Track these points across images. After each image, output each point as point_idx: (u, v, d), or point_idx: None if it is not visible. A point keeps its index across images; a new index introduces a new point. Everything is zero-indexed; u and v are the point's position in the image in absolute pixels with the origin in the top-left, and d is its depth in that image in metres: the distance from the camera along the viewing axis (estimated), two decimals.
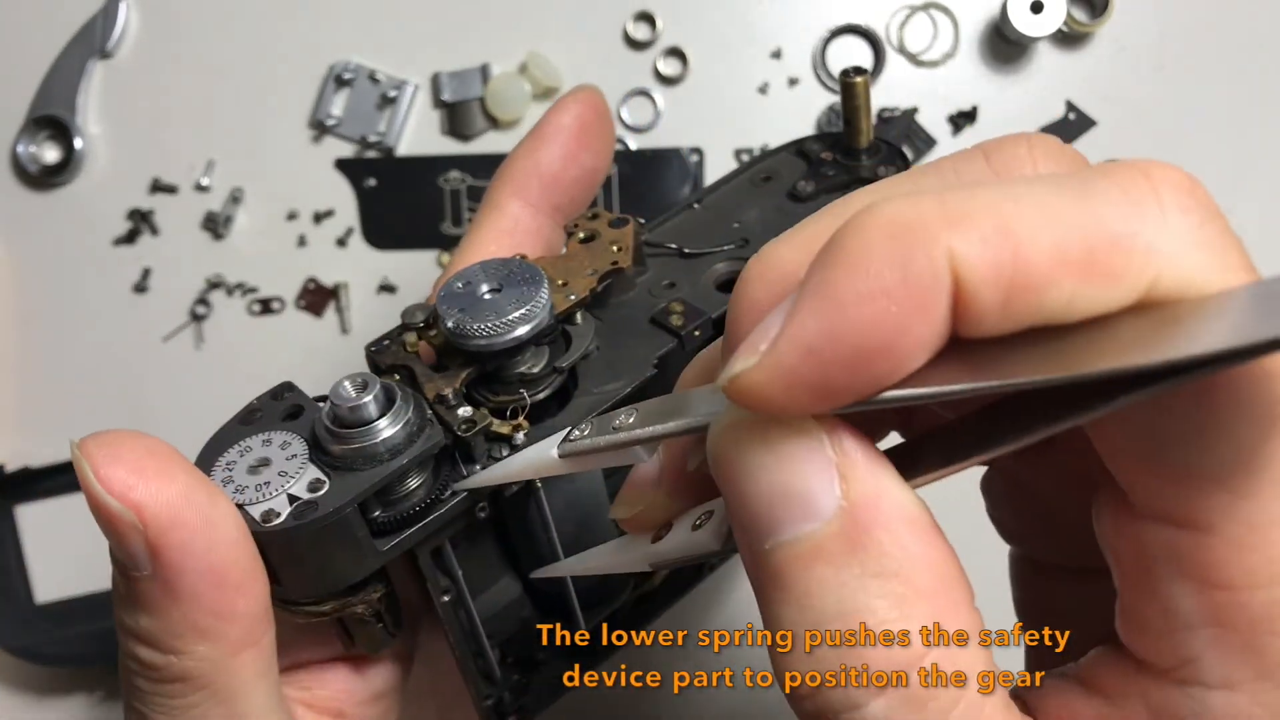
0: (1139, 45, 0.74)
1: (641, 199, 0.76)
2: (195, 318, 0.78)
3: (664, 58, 0.76)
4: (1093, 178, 0.24)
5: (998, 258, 0.23)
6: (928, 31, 0.75)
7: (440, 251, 0.77)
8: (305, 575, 0.36)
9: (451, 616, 0.41)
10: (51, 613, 0.76)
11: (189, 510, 0.32)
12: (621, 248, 0.43)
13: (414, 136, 0.77)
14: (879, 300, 0.23)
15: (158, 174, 0.77)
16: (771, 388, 0.24)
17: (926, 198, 0.24)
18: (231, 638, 0.34)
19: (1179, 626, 0.25)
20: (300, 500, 0.35)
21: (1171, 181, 0.24)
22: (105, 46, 0.76)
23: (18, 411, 0.78)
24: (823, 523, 0.25)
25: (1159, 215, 0.23)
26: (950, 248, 0.23)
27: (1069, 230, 0.23)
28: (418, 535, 0.37)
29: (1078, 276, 0.23)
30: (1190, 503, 0.25)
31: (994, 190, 0.24)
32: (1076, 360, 0.22)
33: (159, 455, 0.33)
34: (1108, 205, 0.23)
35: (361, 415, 0.36)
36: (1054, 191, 0.23)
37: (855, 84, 0.46)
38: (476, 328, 0.37)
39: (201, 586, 0.33)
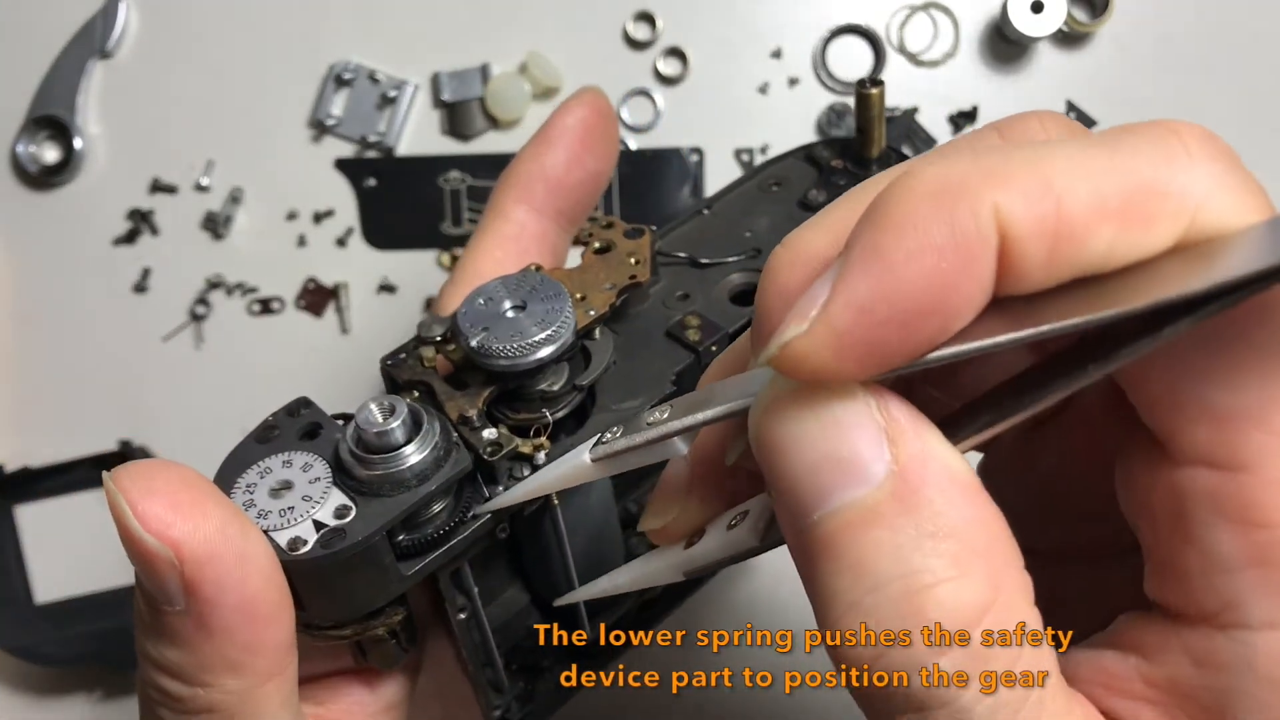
0: (1139, 45, 0.74)
1: (641, 199, 0.76)
2: (195, 318, 0.78)
3: (664, 58, 0.76)
4: (1120, 134, 0.25)
5: (1041, 210, 0.23)
6: (928, 31, 0.75)
7: (440, 251, 0.77)
8: (330, 601, 0.36)
9: (466, 633, 0.41)
10: (51, 613, 0.76)
11: (224, 546, 0.31)
12: (639, 260, 0.42)
13: (414, 136, 0.77)
14: (929, 257, 0.23)
15: (157, 174, 0.77)
16: (824, 353, 0.24)
17: (963, 161, 0.24)
18: (259, 669, 0.33)
19: (1220, 570, 0.25)
20: (327, 527, 0.34)
21: (1195, 134, 0.25)
22: (105, 46, 0.76)
23: (18, 411, 0.78)
24: (874, 487, 0.25)
25: (1188, 163, 0.24)
26: (995, 203, 0.23)
27: (1106, 181, 0.24)
28: (442, 559, 0.37)
29: (1117, 224, 0.23)
30: (1228, 443, 0.25)
31: (1029, 150, 0.24)
32: (1120, 299, 0.23)
33: (193, 488, 0.32)
34: (1139, 156, 0.24)
35: (389, 441, 0.35)
36: (1086, 148, 0.24)
37: (871, 95, 0.46)
38: (501, 348, 0.37)
39: (235, 621, 0.32)
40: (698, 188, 0.76)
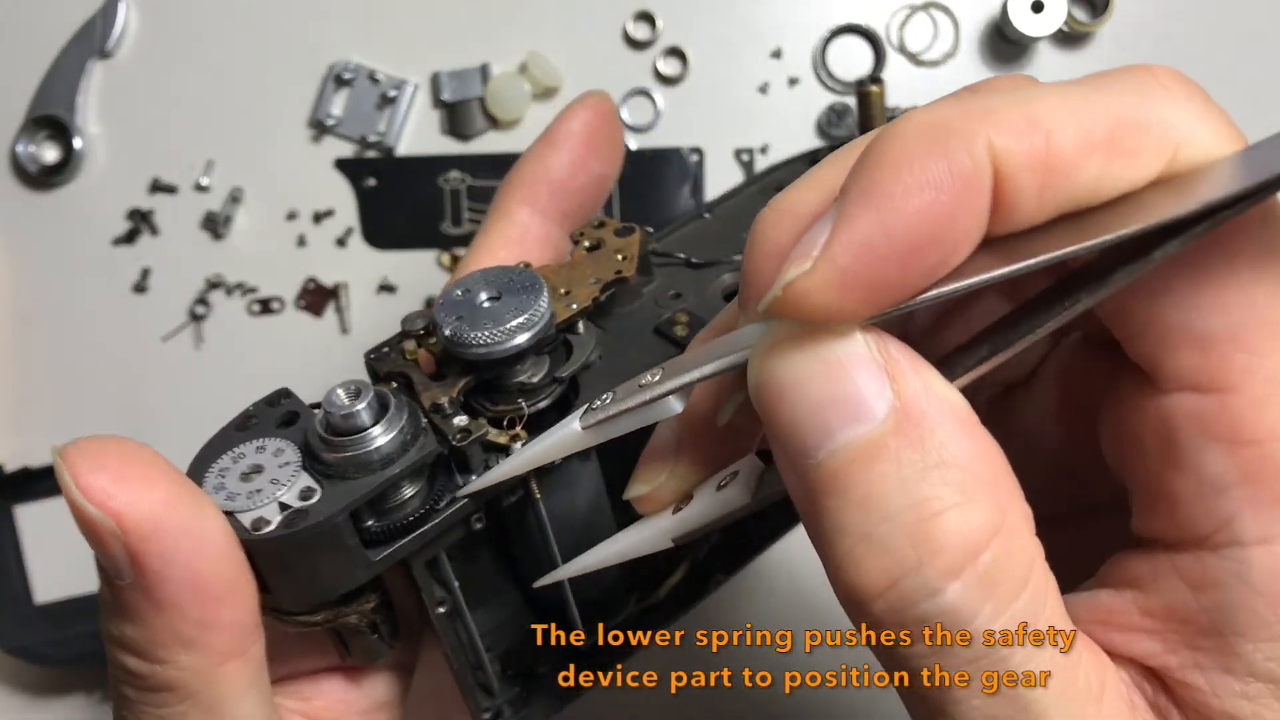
0: (1139, 45, 0.74)
1: (641, 199, 0.76)
2: (195, 318, 0.78)
3: (664, 58, 0.76)
4: (1099, 78, 0.26)
5: (1031, 144, 0.24)
6: (928, 31, 0.75)
7: (440, 251, 0.77)
8: (295, 584, 0.36)
9: (447, 628, 0.40)
10: (51, 613, 0.76)
11: (171, 518, 0.32)
12: (626, 257, 0.42)
13: (414, 136, 0.77)
14: (928, 192, 0.24)
15: (157, 174, 0.77)
16: (828, 291, 0.25)
17: (953, 102, 0.25)
18: (216, 648, 0.33)
19: (1210, 491, 0.26)
20: (291, 508, 0.34)
21: (1170, 73, 0.26)
22: (105, 46, 0.76)
23: (18, 411, 0.78)
24: (877, 422, 0.25)
25: (1168, 98, 0.25)
26: (989, 139, 0.24)
27: (1091, 116, 0.25)
28: (411, 546, 0.37)
29: (1104, 155, 0.25)
30: (1212, 366, 0.26)
31: (1015, 93, 0.26)
32: (1110, 227, 0.24)
33: (142, 462, 0.32)
34: (1122, 95, 0.25)
35: (354, 423, 0.35)
36: (1069, 89, 0.25)
37: (872, 93, 0.47)
38: (474, 336, 0.37)
39: (184, 595, 0.32)
40: (698, 187, 0.76)
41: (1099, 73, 0.26)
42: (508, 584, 0.45)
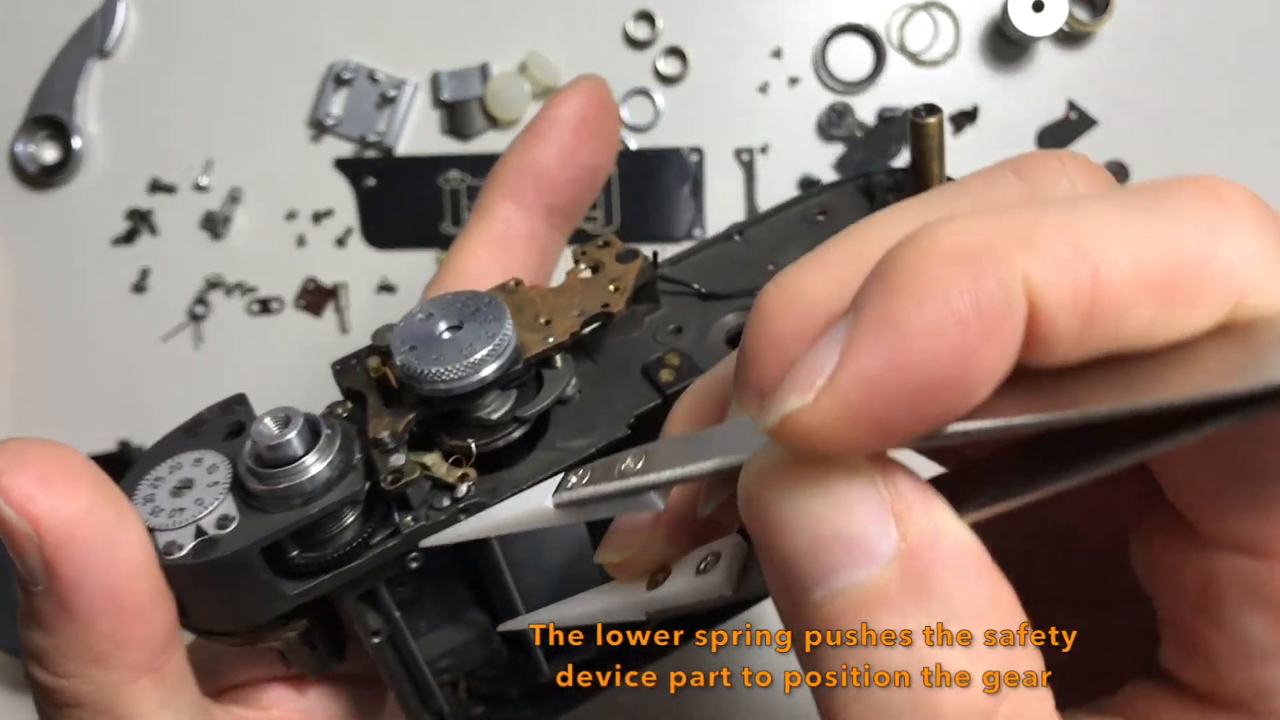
0: (1140, 45, 0.74)
1: (641, 199, 0.75)
2: (194, 318, 0.78)
3: (664, 57, 0.76)
4: (1157, 194, 0.23)
5: (1076, 280, 0.21)
6: (928, 31, 0.75)
7: (440, 251, 0.77)
8: (208, 611, 0.35)
9: (385, 657, 0.39)
10: None
11: (89, 528, 0.31)
12: (619, 288, 0.39)
13: (413, 136, 0.77)
14: (951, 330, 0.21)
15: (156, 174, 0.77)
16: (831, 428, 0.22)
17: (989, 217, 0.22)
18: (128, 663, 0.32)
19: (1254, 657, 0.24)
20: (205, 536, 0.33)
21: (1241, 199, 0.23)
22: (104, 46, 0.76)
23: (18, 411, 0.78)
24: (881, 566, 0.23)
25: (1234, 234, 0.22)
26: (1025, 270, 0.21)
27: (1146, 250, 0.22)
28: (332, 583, 0.35)
29: (1157, 300, 0.21)
30: (1264, 533, 0.23)
31: (1061, 209, 0.22)
32: (1158, 386, 0.21)
33: (68, 467, 0.31)
34: (1182, 224, 0.22)
35: (281, 454, 0.34)
36: (1124, 209, 0.22)
37: (927, 125, 0.41)
38: (424, 372, 0.35)
39: (97, 608, 0.31)
40: (697, 187, 0.76)
41: (1156, 185, 0.23)
42: (474, 604, 0.43)
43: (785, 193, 0.76)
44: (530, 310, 0.38)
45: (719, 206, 0.76)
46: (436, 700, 0.41)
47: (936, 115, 0.40)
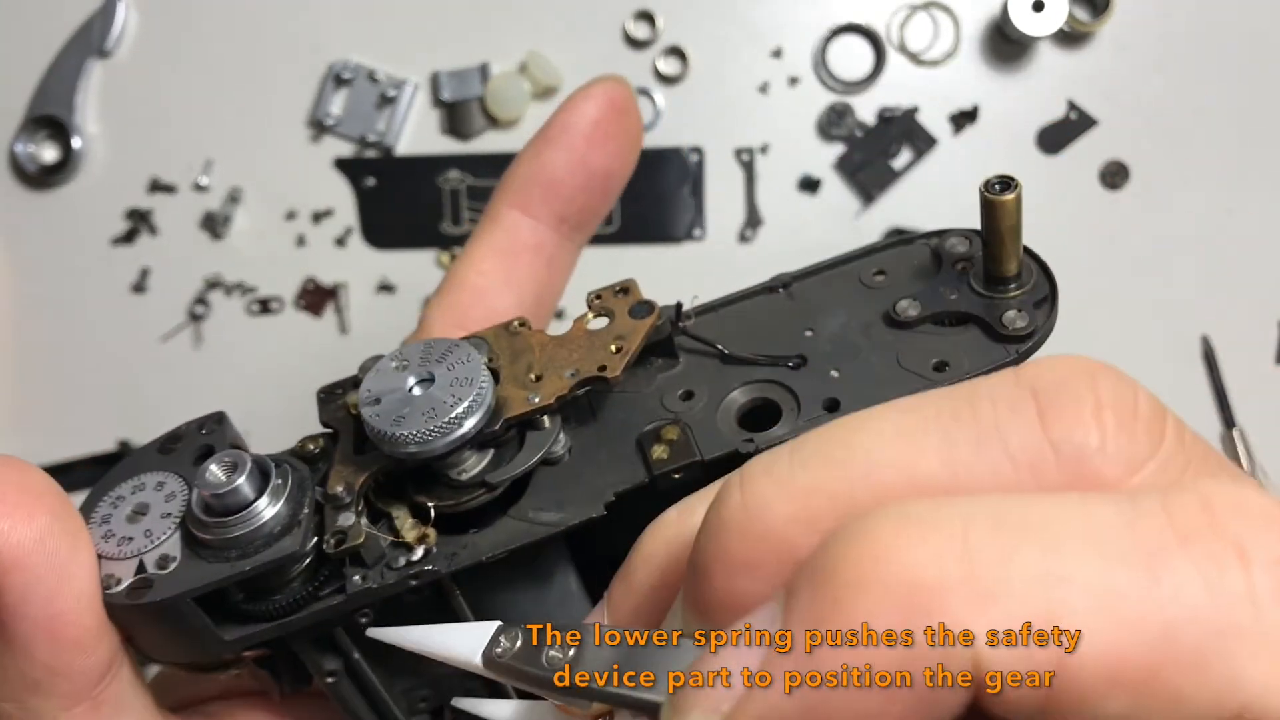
0: (1140, 45, 0.74)
1: (641, 198, 0.75)
2: (194, 318, 0.78)
3: (664, 57, 0.75)
4: (1168, 542, 0.19)
5: (1036, 661, 0.18)
6: (928, 31, 0.75)
7: (440, 251, 0.77)
8: (152, 644, 0.34)
9: (344, 694, 0.37)
10: None
11: (38, 555, 0.30)
12: (621, 349, 0.35)
13: (413, 136, 0.77)
14: (874, 695, 0.19)
15: (156, 174, 0.77)
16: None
17: (948, 544, 0.19)
18: (63, 692, 0.32)
19: None
20: (144, 574, 0.32)
21: (1273, 560, 0.18)
22: (104, 46, 0.76)
23: (18, 411, 0.78)
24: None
25: (1253, 620, 0.18)
26: (975, 638, 0.18)
27: (1130, 633, 0.18)
28: (274, 632, 0.34)
29: (1133, 695, 0.18)
30: None
31: (1038, 549, 0.19)
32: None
33: (27, 491, 0.30)
34: (1182, 598, 0.18)
35: (225, 503, 0.32)
36: (1116, 562, 0.19)
37: (1004, 203, 0.34)
38: (384, 433, 0.32)
39: (36, 637, 0.30)
40: (697, 187, 0.76)
41: (1177, 521, 0.19)
42: None
43: (785, 193, 0.76)
44: (525, 360, 0.36)
45: (719, 206, 0.76)
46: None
47: (1015, 191, 0.33)
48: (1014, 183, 0.33)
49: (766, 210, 0.76)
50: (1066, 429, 0.22)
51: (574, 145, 0.44)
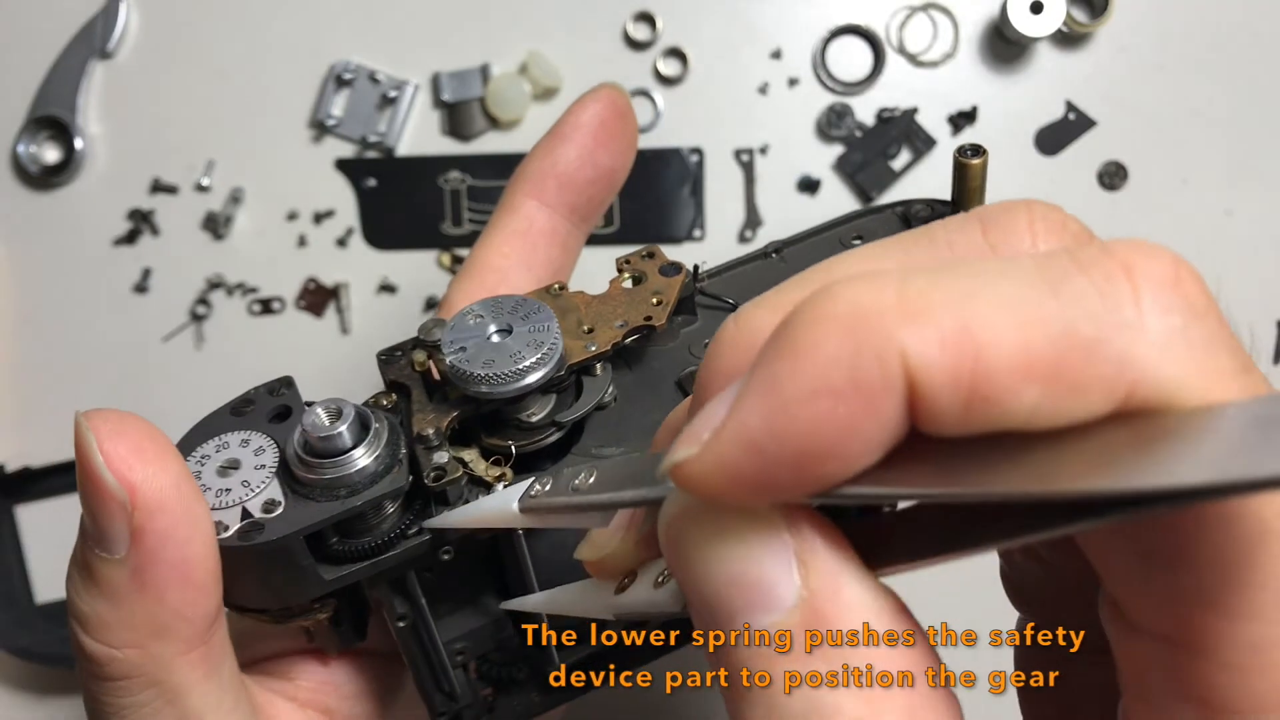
0: (1139, 45, 0.74)
1: (641, 198, 0.76)
2: (195, 318, 0.78)
3: (664, 58, 0.76)
4: (1069, 269, 0.22)
5: (956, 362, 0.21)
6: (928, 32, 0.75)
7: (440, 251, 0.77)
8: (246, 589, 0.36)
9: (407, 640, 0.40)
10: (51, 613, 0.76)
11: (177, 500, 0.32)
12: (661, 302, 0.40)
13: (414, 136, 0.77)
14: (824, 400, 0.21)
15: (158, 174, 0.77)
16: (712, 480, 0.23)
17: (887, 282, 0.22)
18: (183, 636, 0.33)
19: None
20: (252, 518, 0.34)
21: (1155, 276, 0.22)
22: (105, 47, 0.76)
23: (18, 411, 0.78)
24: (784, 613, 0.23)
25: (1136, 318, 0.21)
26: (904, 348, 0.21)
27: (1035, 333, 0.21)
28: (367, 572, 0.36)
29: (1043, 386, 0.21)
30: (1183, 623, 0.23)
31: (960, 278, 0.22)
32: (1040, 473, 0.21)
33: (159, 441, 0.33)
34: (1079, 304, 0.21)
35: (331, 446, 0.35)
36: (1024, 284, 0.22)
37: (972, 166, 0.41)
38: (474, 374, 0.36)
39: (170, 580, 0.32)
40: (697, 187, 0.76)
41: (1077, 255, 0.22)
42: (492, 589, 0.44)
43: (785, 193, 0.76)
44: (573, 316, 0.39)
45: (719, 206, 0.76)
46: (449, 680, 0.42)
47: (982, 157, 0.40)
48: (982, 149, 0.40)
49: (766, 210, 0.76)
50: (1003, 235, 0.26)
51: (584, 142, 0.50)
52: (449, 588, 0.41)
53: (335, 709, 0.42)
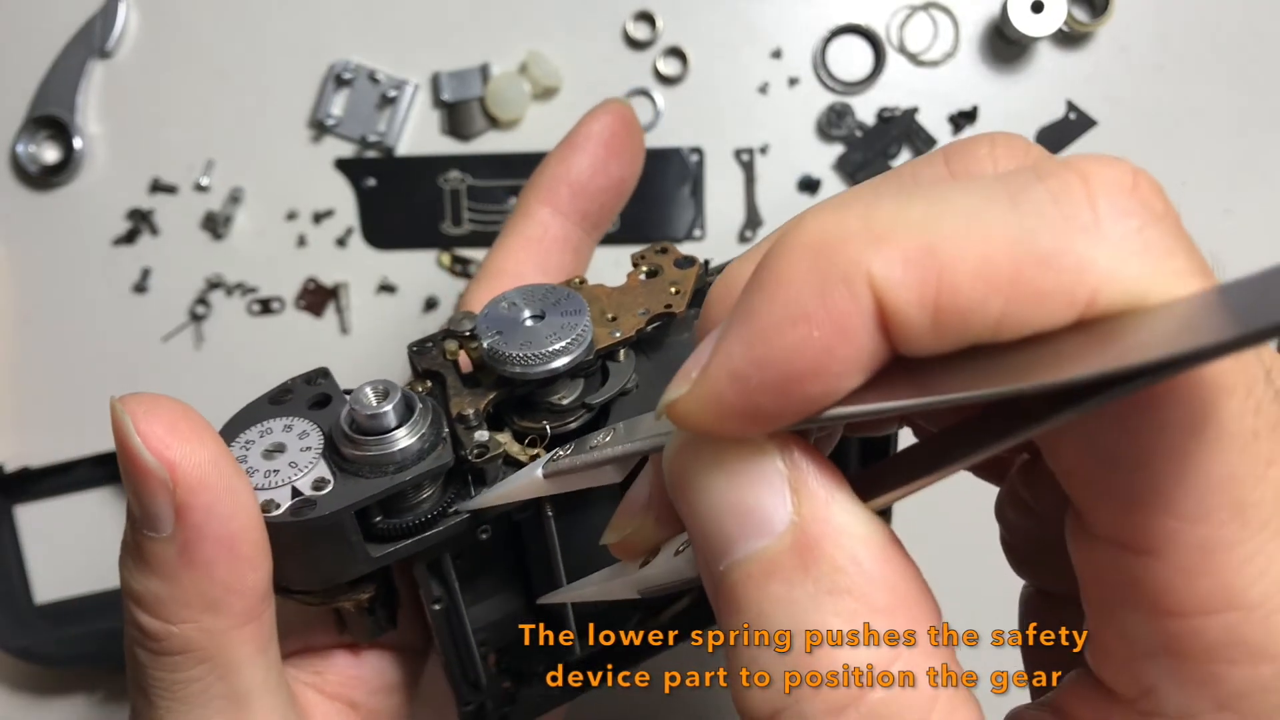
0: (1139, 45, 0.74)
1: (641, 198, 0.75)
2: (195, 318, 0.78)
3: (664, 57, 0.76)
4: (1026, 183, 0.23)
5: (921, 280, 0.22)
6: (928, 31, 0.75)
7: (440, 251, 0.77)
8: (296, 568, 0.37)
9: (441, 624, 0.41)
10: (51, 613, 0.76)
11: (217, 476, 0.33)
12: (680, 291, 0.42)
13: (414, 136, 0.77)
14: (800, 326, 0.22)
15: (157, 174, 0.77)
16: (704, 415, 0.24)
17: (853, 211, 0.23)
18: (236, 611, 0.34)
19: (1137, 655, 0.25)
20: (302, 496, 0.35)
21: (1109, 182, 0.22)
22: (105, 46, 0.76)
23: (18, 411, 0.78)
24: (775, 538, 0.24)
25: (1092, 224, 0.22)
26: (869, 271, 0.22)
27: (995, 247, 0.22)
28: (412, 548, 0.37)
29: (1005, 297, 0.22)
30: (1139, 526, 0.24)
31: (920, 202, 0.23)
32: (1012, 375, 0.22)
33: (193, 420, 0.33)
34: (1037, 215, 0.22)
35: (379, 424, 0.36)
36: (983, 200, 0.22)
37: None
38: (511, 355, 0.37)
39: (217, 554, 0.33)
40: (697, 187, 0.76)
41: (1033, 169, 0.23)
42: (514, 583, 0.45)
43: (785, 193, 0.76)
44: (597, 306, 0.41)
45: (719, 206, 0.76)
46: (476, 669, 0.43)
47: None
48: None
49: (766, 210, 0.76)
50: (965, 163, 0.27)
51: (597, 152, 0.52)
52: (471, 581, 0.42)
53: (361, 703, 0.43)
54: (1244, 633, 0.23)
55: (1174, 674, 0.24)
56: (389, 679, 0.44)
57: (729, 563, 0.25)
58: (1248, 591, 0.23)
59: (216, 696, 0.35)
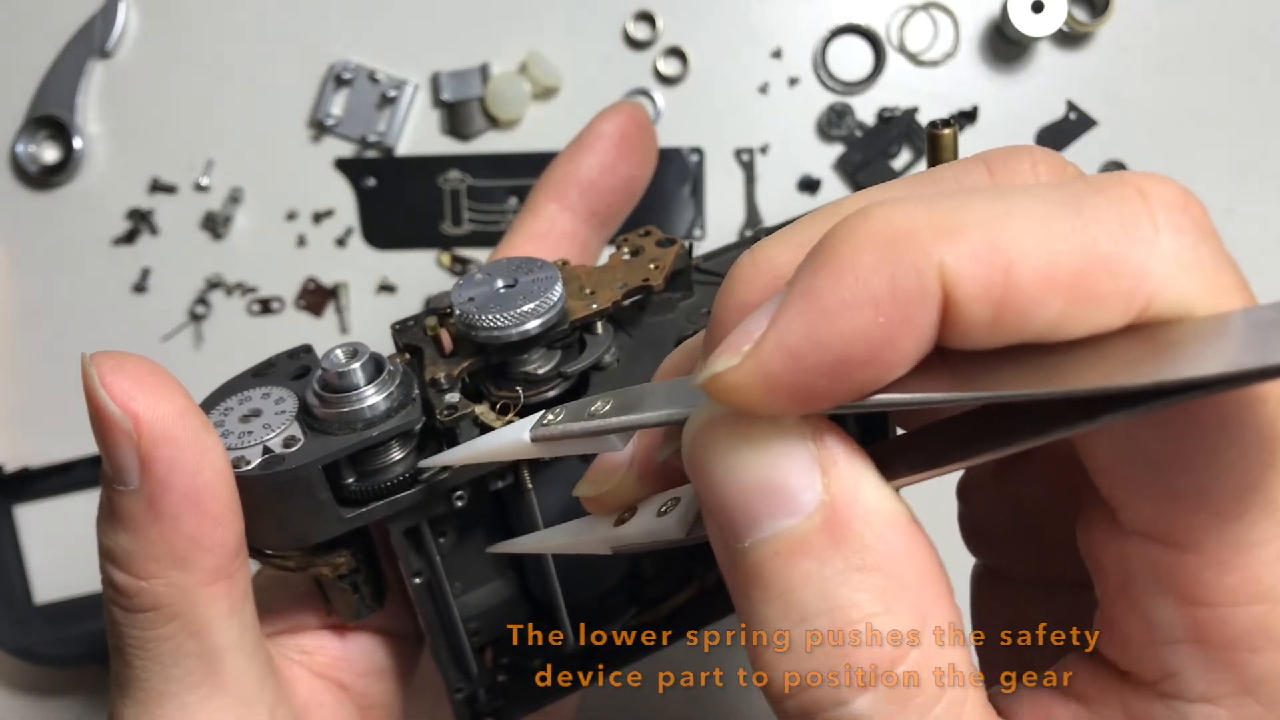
0: (1139, 45, 0.74)
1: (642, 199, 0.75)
2: (195, 318, 0.78)
3: (664, 57, 0.76)
4: (1087, 192, 0.24)
5: (989, 274, 0.22)
6: (928, 31, 0.75)
7: (440, 251, 0.77)
8: (267, 525, 0.37)
9: (423, 599, 0.41)
10: (51, 613, 0.76)
11: (182, 429, 0.33)
12: (658, 267, 0.43)
13: (414, 136, 0.77)
14: (865, 310, 0.23)
15: (157, 174, 0.77)
16: (752, 390, 0.24)
17: (920, 205, 0.23)
18: (205, 567, 0.34)
19: (1161, 640, 0.26)
20: (272, 453, 0.36)
21: (1167, 200, 0.23)
22: (104, 46, 0.76)
23: (18, 411, 0.78)
24: (804, 517, 0.25)
25: (1152, 236, 0.23)
26: (941, 260, 0.22)
27: (1060, 249, 0.23)
28: (384, 510, 0.38)
29: (1067, 297, 0.22)
30: (1175, 522, 0.25)
31: (988, 201, 0.23)
32: (1062, 377, 0.22)
33: (160, 376, 0.34)
34: (1100, 224, 0.23)
35: (347, 381, 0.37)
36: (1048, 205, 0.23)
37: (942, 136, 0.45)
38: (481, 318, 0.38)
39: (183, 508, 0.33)
40: (697, 187, 0.76)
41: (1094, 181, 0.24)
42: (507, 570, 0.45)
43: (785, 193, 0.76)
44: (576, 283, 0.42)
45: (719, 206, 0.76)
46: (465, 654, 0.43)
47: (951, 128, 0.44)
48: (951, 122, 0.44)
49: (766, 210, 0.76)
50: (1008, 175, 0.28)
51: (606, 152, 0.53)
52: (463, 562, 0.43)
53: (350, 685, 0.43)
54: (1269, 623, 0.24)
55: (1198, 660, 0.25)
56: (377, 663, 0.44)
57: (754, 540, 0.25)
58: (1277, 586, 0.24)
59: (188, 655, 0.35)
